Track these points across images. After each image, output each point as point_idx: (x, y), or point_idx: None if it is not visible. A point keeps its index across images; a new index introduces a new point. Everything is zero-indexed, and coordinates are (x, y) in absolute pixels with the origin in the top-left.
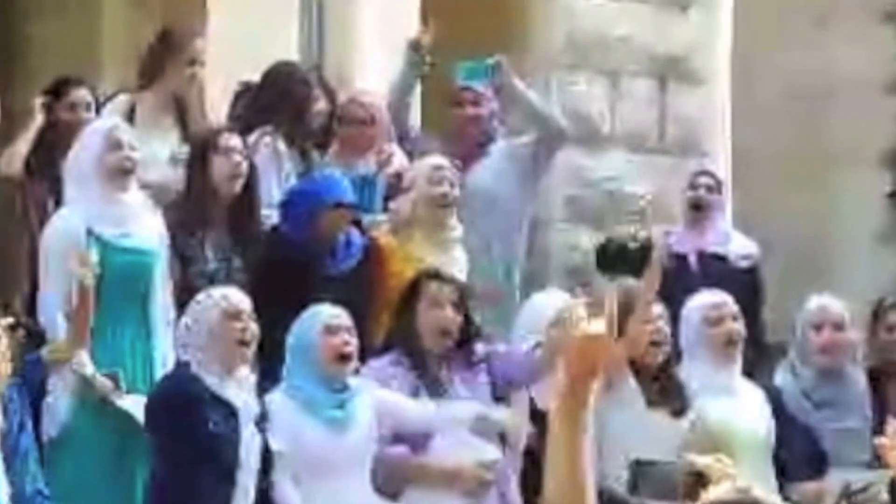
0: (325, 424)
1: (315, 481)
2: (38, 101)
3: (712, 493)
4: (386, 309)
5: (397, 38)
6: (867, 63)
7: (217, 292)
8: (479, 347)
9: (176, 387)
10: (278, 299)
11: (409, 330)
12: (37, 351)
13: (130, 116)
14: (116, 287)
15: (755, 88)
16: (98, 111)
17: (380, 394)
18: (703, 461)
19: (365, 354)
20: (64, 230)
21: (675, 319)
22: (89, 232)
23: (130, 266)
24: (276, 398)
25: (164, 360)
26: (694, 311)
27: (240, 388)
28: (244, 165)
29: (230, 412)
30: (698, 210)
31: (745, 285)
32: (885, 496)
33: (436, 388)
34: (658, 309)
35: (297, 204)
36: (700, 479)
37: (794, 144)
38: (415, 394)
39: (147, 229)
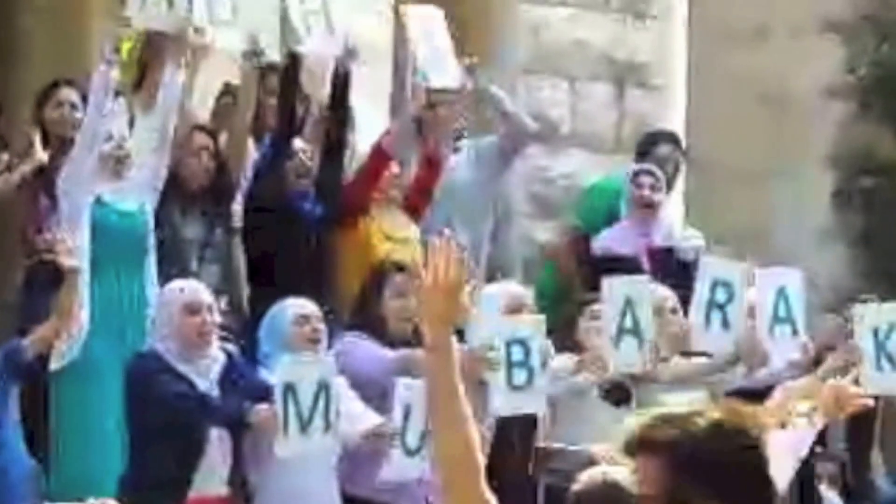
0: None
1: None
2: (36, 137)
3: (581, 479)
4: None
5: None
6: (812, 70)
7: (177, 285)
8: None
9: (140, 363)
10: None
11: (374, 316)
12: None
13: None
14: (113, 242)
15: (708, 93)
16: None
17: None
18: (599, 450)
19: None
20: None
21: None
22: (98, 199)
23: (125, 225)
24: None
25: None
26: None
27: (206, 371)
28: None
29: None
30: (646, 208)
31: (693, 276)
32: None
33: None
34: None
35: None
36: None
37: (744, 146)
38: None
39: (139, 200)
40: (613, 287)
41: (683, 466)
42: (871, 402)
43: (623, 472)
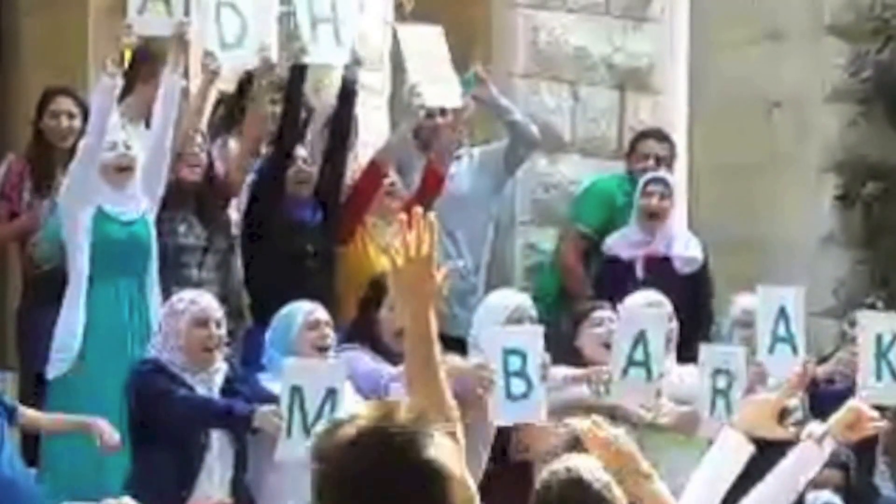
0: None
1: (293, 469)
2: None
3: (545, 470)
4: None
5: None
6: (815, 73)
7: (187, 296)
8: None
9: (143, 370)
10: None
11: (370, 332)
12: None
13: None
14: (114, 252)
15: (709, 97)
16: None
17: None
18: (581, 424)
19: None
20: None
21: None
22: (99, 210)
23: (126, 234)
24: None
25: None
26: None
27: (209, 381)
28: (202, 157)
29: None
30: (653, 217)
31: (689, 287)
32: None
33: None
34: (606, 313)
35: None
36: (578, 443)
37: (746, 150)
38: None
39: (141, 209)
40: (631, 314)
41: (328, 479)
42: (884, 425)
43: (588, 464)
